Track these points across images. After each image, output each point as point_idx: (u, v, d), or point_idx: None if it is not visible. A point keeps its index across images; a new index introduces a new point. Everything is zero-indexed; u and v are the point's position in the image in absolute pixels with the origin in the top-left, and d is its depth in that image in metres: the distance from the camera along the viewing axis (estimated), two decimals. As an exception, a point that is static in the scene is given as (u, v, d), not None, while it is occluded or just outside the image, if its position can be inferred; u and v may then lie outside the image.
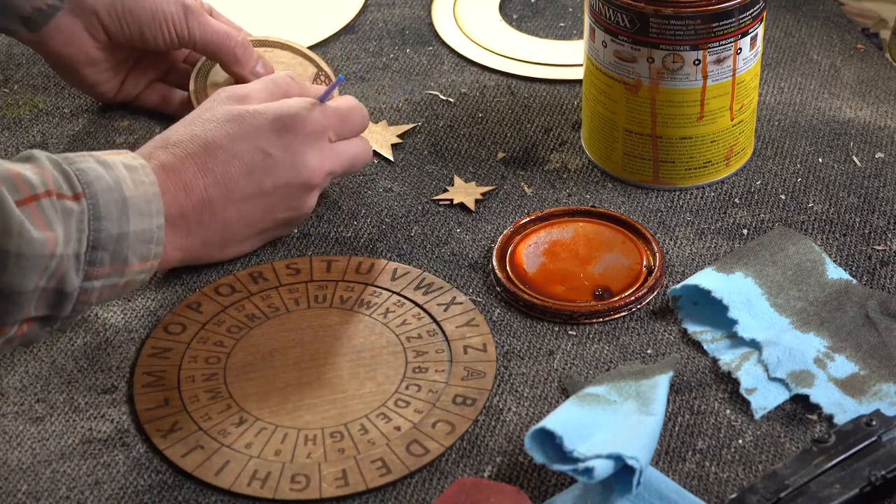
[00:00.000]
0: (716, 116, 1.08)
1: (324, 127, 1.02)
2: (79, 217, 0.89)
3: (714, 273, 0.99)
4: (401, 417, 0.92)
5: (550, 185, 1.11)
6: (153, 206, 0.93)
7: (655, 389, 0.89)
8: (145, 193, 0.93)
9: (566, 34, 1.29)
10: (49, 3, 1.10)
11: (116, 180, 0.91)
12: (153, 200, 0.93)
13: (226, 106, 1.01)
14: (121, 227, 0.91)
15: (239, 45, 1.13)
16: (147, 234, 0.93)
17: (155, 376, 0.95)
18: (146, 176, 0.94)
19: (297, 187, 1.01)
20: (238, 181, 0.99)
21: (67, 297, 0.89)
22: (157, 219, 0.93)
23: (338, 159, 1.03)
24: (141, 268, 0.93)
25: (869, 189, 1.10)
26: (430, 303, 1.00)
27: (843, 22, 1.29)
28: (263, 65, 1.15)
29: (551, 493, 0.88)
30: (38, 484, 0.89)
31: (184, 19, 1.12)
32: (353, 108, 1.05)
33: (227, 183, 0.98)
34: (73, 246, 0.88)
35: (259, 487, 0.88)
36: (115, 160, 0.93)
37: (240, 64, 1.13)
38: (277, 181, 1.00)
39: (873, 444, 0.86)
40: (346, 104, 1.05)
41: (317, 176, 1.02)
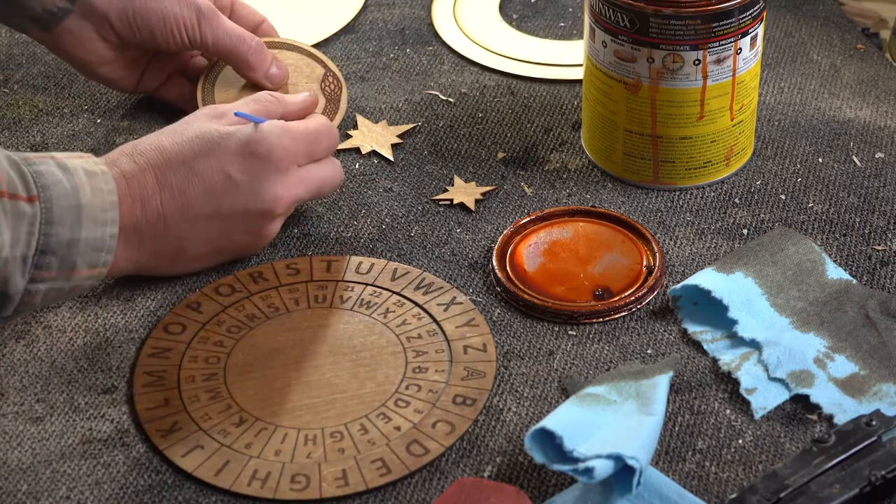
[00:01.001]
0: (716, 116, 1.08)
1: (292, 153, 1.00)
2: (30, 220, 0.89)
3: (714, 273, 0.99)
4: (401, 417, 0.92)
5: (550, 185, 1.11)
6: (108, 214, 0.93)
7: (655, 389, 0.89)
8: (102, 202, 0.93)
9: (566, 34, 1.29)
10: (59, 6, 1.09)
11: (74, 186, 0.91)
12: (109, 209, 0.93)
13: (200, 123, 1.00)
14: (73, 233, 0.91)
15: (252, 49, 1.12)
16: (98, 243, 0.93)
17: (155, 376, 0.95)
18: (105, 184, 0.94)
19: (257, 214, 1.00)
20: (196, 200, 0.98)
21: (10, 298, 0.89)
22: (110, 228, 0.93)
23: (304, 186, 1.02)
24: (89, 274, 0.93)
25: (869, 189, 1.10)
26: (430, 303, 1.00)
27: (843, 22, 1.29)
28: (278, 66, 1.14)
29: (551, 493, 0.88)
30: (38, 484, 0.89)
31: (196, 24, 1.11)
32: (322, 128, 1.03)
33: (183, 200, 0.98)
34: (21, 248, 0.88)
35: (259, 487, 0.88)
36: (76, 164, 0.93)
37: (252, 69, 1.13)
38: (236, 206, 0.99)
39: (873, 444, 0.86)
40: (316, 126, 1.03)
41: (280, 205, 1.00)
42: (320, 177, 1.03)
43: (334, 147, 1.05)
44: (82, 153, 0.96)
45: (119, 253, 0.96)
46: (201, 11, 1.11)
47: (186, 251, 1.00)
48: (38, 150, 1.15)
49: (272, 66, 1.13)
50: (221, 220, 0.99)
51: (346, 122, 1.18)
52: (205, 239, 1.00)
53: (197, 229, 0.99)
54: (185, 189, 0.98)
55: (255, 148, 0.99)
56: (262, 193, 0.99)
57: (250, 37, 1.13)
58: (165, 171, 0.97)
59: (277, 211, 1.00)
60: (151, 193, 0.97)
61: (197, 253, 1.01)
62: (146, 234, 0.97)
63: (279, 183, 1.00)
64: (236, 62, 1.13)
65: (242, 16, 1.18)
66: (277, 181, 1.00)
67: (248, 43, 1.12)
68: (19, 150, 1.15)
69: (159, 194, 0.97)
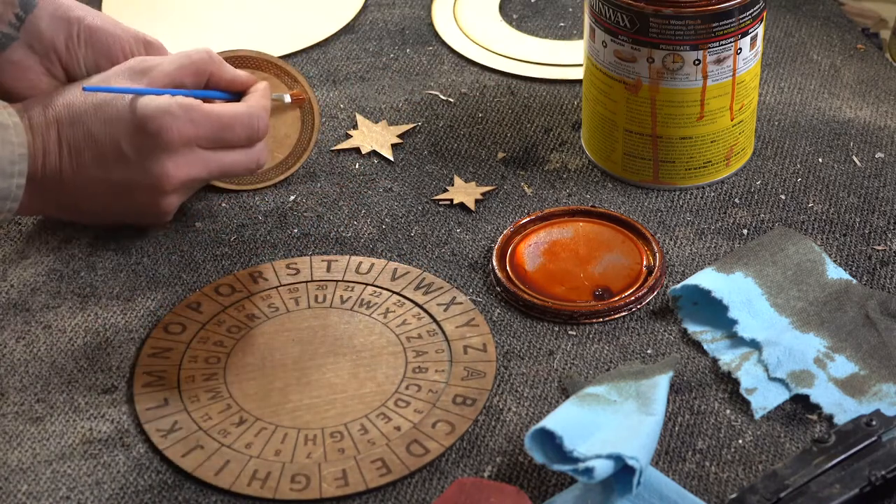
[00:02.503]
0: (716, 116, 1.08)
1: (189, 136, 0.99)
2: None
3: (714, 273, 0.99)
4: (401, 417, 0.92)
5: (550, 185, 1.11)
6: (16, 167, 0.95)
7: (655, 389, 0.89)
8: (10, 154, 0.95)
9: (566, 34, 1.29)
10: (3, 32, 1.02)
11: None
12: (18, 162, 0.95)
13: (117, 80, 1.01)
14: None
15: None
16: (4, 192, 0.95)
17: (155, 376, 0.95)
18: (16, 136, 0.96)
19: (147, 188, 1.00)
20: (88, 163, 0.99)
21: None
22: (17, 179, 0.96)
23: (202, 167, 1.00)
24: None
25: (869, 189, 1.10)
26: (430, 303, 1.00)
27: (843, 22, 1.29)
28: None
29: (551, 493, 0.88)
30: (38, 484, 0.89)
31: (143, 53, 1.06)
32: (239, 117, 1.01)
33: (77, 159, 0.99)
34: None
35: (259, 487, 0.88)
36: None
37: None
38: (124, 177, 1.00)
39: (873, 444, 0.86)
40: (232, 113, 1.01)
41: (168, 182, 0.99)
42: (225, 161, 1.01)
43: (255, 138, 1.02)
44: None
45: (23, 200, 0.98)
46: (150, 44, 1.06)
47: (86, 207, 1.02)
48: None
49: None
50: (112, 187, 1.00)
51: (345, 123, 1.18)
52: (100, 201, 1.01)
53: (90, 191, 1.00)
54: (80, 150, 0.99)
55: (147, 124, 0.98)
56: (149, 170, 0.99)
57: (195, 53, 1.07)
58: (67, 128, 0.99)
59: (166, 187, 1.00)
60: (52, 149, 0.99)
61: (93, 211, 1.02)
62: (45, 188, 0.99)
63: (169, 161, 0.99)
64: None
65: None
66: (167, 159, 0.99)
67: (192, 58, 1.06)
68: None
69: (58, 150, 0.99)
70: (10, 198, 0.96)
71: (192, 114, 0.99)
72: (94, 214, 1.03)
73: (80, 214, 1.03)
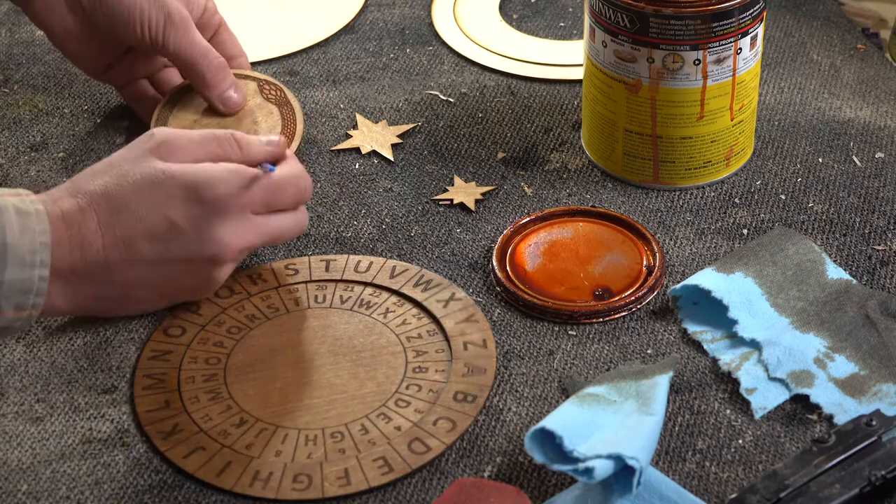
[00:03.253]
0: (716, 116, 1.08)
1: (244, 202, 0.96)
2: None
3: (714, 273, 0.99)
4: (401, 417, 0.92)
5: (550, 185, 1.11)
6: (38, 256, 0.90)
7: (655, 389, 0.89)
8: (31, 242, 0.89)
9: (566, 34, 1.29)
10: None
11: (0, 226, 0.88)
12: (39, 251, 0.90)
13: (146, 160, 0.95)
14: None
15: (211, 66, 1.09)
16: (26, 284, 0.89)
17: (155, 379, 0.95)
18: (38, 224, 0.90)
19: (204, 261, 0.96)
20: (140, 246, 0.94)
21: None
22: (40, 270, 0.90)
23: (256, 234, 0.97)
24: (16, 316, 0.90)
25: (869, 189, 1.10)
26: (430, 299, 1.00)
27: (843, 22, 1.29)
28: (237, 91, 1.10)
29: (551, 493, 0.88)
30: (38, 484, 0.89)
31: (161, 26, 1.08)
32: (288, 179, 0.98)
33: (127, 246, 0.94)
34: None
35: (261, 488, 0.88)
36: (8, 203, 0.90)
37: (208, 87, 1.09)
38: (181, 253, 0.95)
39: (873, 444, 0.86)
40: (283, 175, 0.98)
41: (227, 252, 0.96)
42: (277, 227, 0.98)
43: (304, 198, 1.00)
44: (20, 190, 0.92)
45: (56, 295, 0.93)
46: (171, 16, 1.08)
47: (131, 296, 0.97)
48: (37, 151, 1.15)
49: (230, 90, 1.10)
50: (167, 267, 0.96)
51: (346, 122, 1.18)
52: (149, 284, 0.96)
53: (141, 275, 0.95)
54: (129, 235, 0.94)
55: (199, 194, 0.94)
56: (207, 240, 0.95)
57: (215, 54, 1.10)
58: (109, 215, 0.93)
59: (225, 258, 0.96)
60: (93, 238, 0.93)
61: (142, 297, 0.97)
62: (86, 278, 0.94)
63: (226, 230, 0.95)
64: (193, 76, 1.09)
65: (222, 40, 1.15)
66: (224, 228, 0.95)
67: (210, 59, 1.09)
68: (19, 150, 1.15)
69: (101, 239, 0.93)
70: (33, 291, 0.89)
71: (243, 179, 0.96)
72: (140, 301, 0.98)
73: (123, 304, 0.97)
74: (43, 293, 0.90)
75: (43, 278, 0.90)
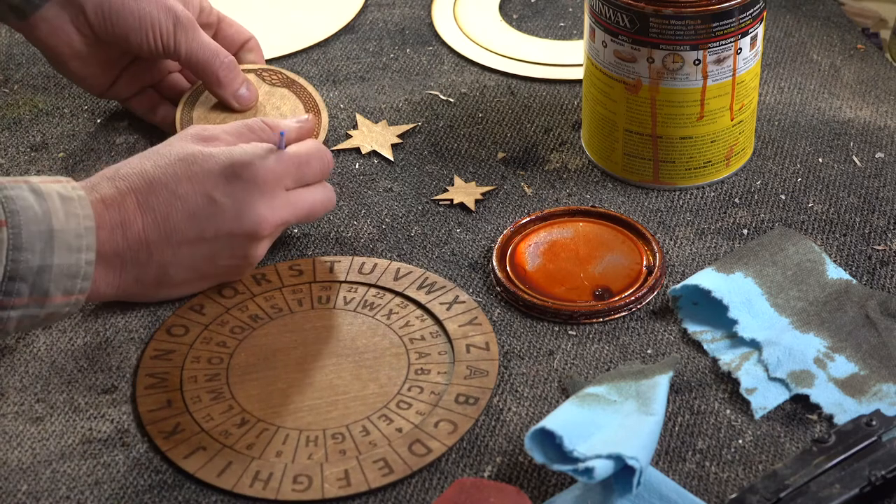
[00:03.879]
0: (716, 116, 1.08)
1: (279, 175, 0.98)
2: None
3: (714, 273, 0.99)
4: (402, 419, 0.92)
5: (550, 185, 1.11)
6: (84, 240, 0.91)
7: (655, 389, 0.89)
8: (76, 227, 0.91)
9: (566, 34, 1.29)
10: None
11: (46, 211, 0.90)
12: (84, 235, 0.91)
13: (185, 144, 0.98)
14: (43, 259, 0.89)
15: (223, 66, 1.11)
16: (73, 269, 0.91)
17: (157, 378, 0.95)
18: (81, 209, 0.92)
19: (243, 237, 0.98)
20: (179, 224, 0.96)
21: None
22: (86, 254, 0.91)
23: (292, 209, 0.99)
24: (64, 301, 0.91)
25: (869, 189, 1.10)
26: (433, 302, 1.00)
27: (843, 22, 1.29)
28: (248, 88, 1.12)
29: (551, 493, 0.88)
30: (38, 484, 0.89)
31: (171, 31, 1.09)
32: (312, 153, 1.01)
33: (166, 225, 0.96)
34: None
35: (261, 489, 0.88)
36: (51, 189, 0.91)
37: (221, 86, 1.11)
38: (221, 229, 0.97)
39: (873, 444, 0.86)
40: (307, 149, 1.01)
41: (265, 227, 0.98)
42: (310, 200, 1.01)
43: (327, 171, 1.02)
44: (60, 177, 0.94)
45: (100, 279, 0.94)
46: (179, 20, 1.09)
47: (171, 277, 0.98)
48: (38, 151, 1.15)
49: (242, 87, 1.12)
50: (206, 245, 0.97)
51: (345, 123, 1.18)
52: (189, 264, 0.98)
53: (181, 255, 0.97)
54: (168, 213, 0.96)
55: (238, 170, 0.97)
56: (247, 215, 0.97)
57: (224, 53, 1.11)
58: (147, 195, 0.95)
59: (263, 233, 0.98)
60: (133, 218, 0.95)
61: (181, 279, 0.99)
62: (128, 260, 0.95)
63: (264, 205, 0.98)
64: (206, 77, 1.11)
65: (228, 35, 1.16)
66: (262, 203, 0.97)
67: (221, 59, 1.11)
68: (19, 150, 1.15)
69: (141, 219, 0.95)
70: (80, 275, 0.91)
71: (273, 155, 0.98)
72: (178, 284, 0.99)
73: (161, 286, 0.98)
74: (90, 277, 0.92)
75: (90, 262, 0.91)
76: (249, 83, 1.13)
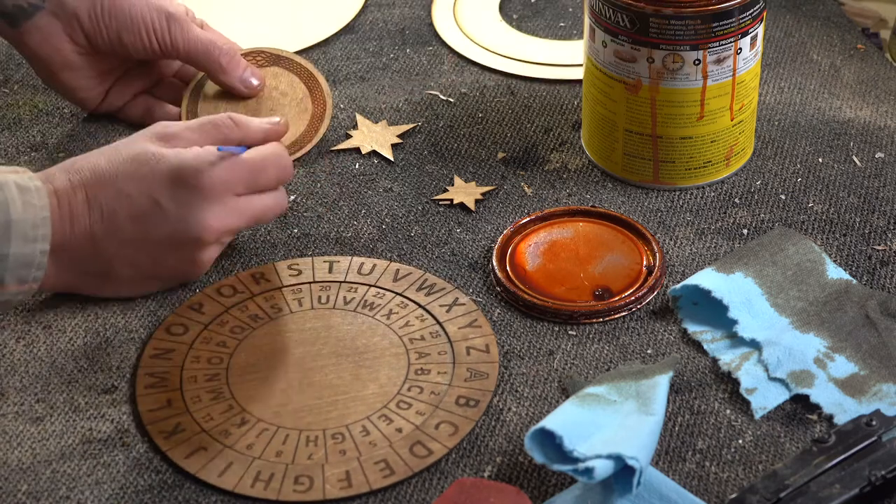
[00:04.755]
0: (716, 116, 1.08)
1: (227, 182, 0.97)
2: None
3: (714, 273, 0.99)
4: (402, 419, 0.92)
5: (550, 185, 1.11)
6: (39, 231, 0.92)
7: (655, 389, 0.89)
8: (33, 217, 0.92)
9: (566, 34, 1.29)
10: (30, 2, 1.09)
11: (3, 201, 0.91)
12: (40, 225, 0.92)
13: (142, 142, 0.98)
14: (1, 248, 0.90)
15: (224, 53, 1.11)
16: (28, 258, 0.92)
17: (157, 377, 0.95)
18: (38, 199, 0.93)
19: (187, 242, 0.97)
20: (124, 223, 0.96)
21: None
22: (41, 244, 0.93)
23: (239, 216, 0.98)
24: (17, 290, 0.93)
25: (869, 189, 1.10)
26: (433, 304, 1.00)
27: (843, 22, 1.29)
28: (252, 73, 1.13)
29: (551, 493, 0.88)
30: (38, 484, 0.89)
31: (166, 28, 1.10)
32: (269, 159, 1.00)
33: (111, 222, 0.96)
34: None
35: (263, 489, 0.88)
36: (9, 179, 0.92)
37: (225, 73, 1.11)
38: (163, 233, 0.97)
39: (873, 444, 0.86)
40: (264, 155, 1.00)
41: (209, 234, 0.97)
42: (259, 207, 1.00)
43: (285, 178, 1.01)
44: (18, 168, 0.95)
45: (49, 269, 0.95)
46: (171, 16, 1.10)
47: (116, 273, 0.98)
48: (37, 151, 1.15)
49: (246, 71, 1.12)
50: (150, 246, 0.97)
51: (345, 123, 1.18)
52: (133, 263, 0.98)
53: (124, 254, 0.97)
54: (114, 211, 0.96)
55: (184, 175, 0.96)
56: (191, 222, 0.97)
57: (224, 40, 1.12)
58: (97, 190, 0.96)
59: (207, 240, 0.98)
60: (81, 212, 0.95)
61: (127, 276, 0.99)
62: (74, 254, 0.96)
63: (209, 212, 0.97)
64: (209, 66, 1.11)
65: None
66: (207, 210, 0.97)
67: (220, 47, 1.11)
68: (19, 150, 1.15)
69: (88, 214, 0.96)
70: (34, 265, 0.92)
71: (225, 162, 0.97)
72: (125, 281, 0.99)
73: (110, 282, 0.99)
74: (43, 267, 0.93)
75: (44, 252, 0.93)
76: (253, 68, 1.13)
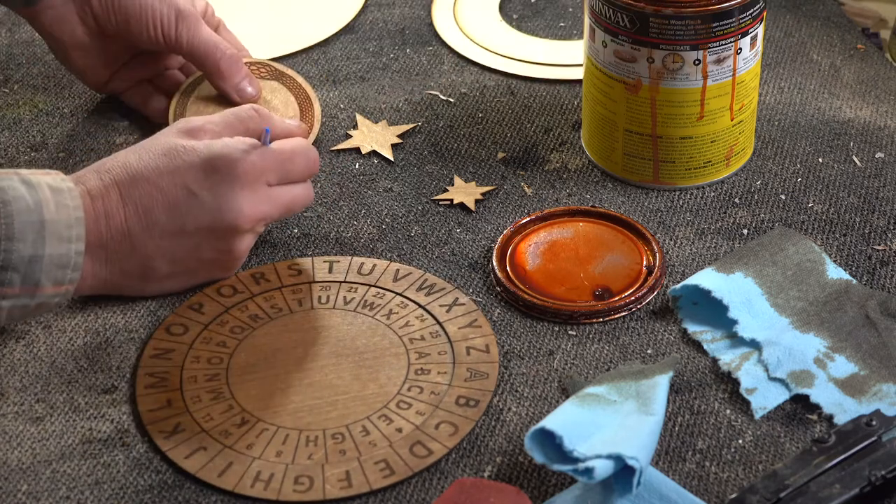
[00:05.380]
0: (716, 116, 1.08)
1: (260, 170, 0.98)
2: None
3: (714, 273, 0.99)
4: (402, 419, 0.92)
5: (550, 185, 1.11)
6: (74, 231, 0.92)
7: (655, 389, 0.89)
8: (67, 218, 0.92)
9: (566, 34, 1.29)
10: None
11: (37, 202, 0.91)
12: (74, 225, 0.92)
13: (170, 137, 0.99)
14: (35, 249, 0.90)
15: (225, 57, 1.11)
16: (63, 259, 0.92)
17: (157, 377, 0.95)
18: (71, 200, 0.93)
19: (223, 230, 0.98)
20: (160, 217, 0.97)
21: None
22: (76, 244, 0.92)
23: (272, 205, 0.99)
24: (55, 292, 0.92)
25: (869, 189, 1.10)
26: (433, 304, 1.00)
27: (843, 22, 1.29)
28: (250, 82, 1.13)
29: (551, 493, 0.88)
30: (38, 484, 0.89)
31: (173, 22, 1.10)
32: (297, 151, 1.01)
33: (148, 217, 0.96)
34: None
35: (263, 489, 0.88)
36: (41, 180, 0.93)
37: (222, 77, 1.12)
38: (200, 223, 0.97)
39: (873, 444, 0.86)
40: (293, 147, 1.01)
41: (245, 221, 0.98)
42: (290, 196, 1.01)
43: (313, 171, 1.02)
44: (49, 170, 0.95)
45: (86, 270, 0.95)
46: (181, 12, 1.11)
47: (154, 270, 0.99)
48: (38, 151, 1.15)
49: (244, 80, 1.12)
50: (187, 238, 0.98)
51: (345, 123, 1.18)
52: (171, 257, 0.98)
53: (163, 247, 0.98)
54: (149, 205, 0.96)
55: (217, 163, 0.97)
56: (225, 209, 0.97)
57: (226, 45, 1.12)
58: (130, 187, 0.96)
59: (243, 227, 0.98)
60: (116, 210, 0.96)
61: (166, 272, 0.99)
62: (112, 252, 0.96)
63: (243, 199, 0.98)
64: (208, 68, 1.12)
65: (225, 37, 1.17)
66: (241, 197, 0.98)
67: (223, 50, 1.12)
68: (19, 150, 1.15)
69: (123, 210, 0.96)
70: (70, 265, 0.92)
71: (256, 151, 0.98)
72: (163, 277, 0.99)
73: (147, 279, 0.99)
74: (79, 268, 0.93)
75: (79, 252, 0.93)
76: (252, 78, 1.13)
